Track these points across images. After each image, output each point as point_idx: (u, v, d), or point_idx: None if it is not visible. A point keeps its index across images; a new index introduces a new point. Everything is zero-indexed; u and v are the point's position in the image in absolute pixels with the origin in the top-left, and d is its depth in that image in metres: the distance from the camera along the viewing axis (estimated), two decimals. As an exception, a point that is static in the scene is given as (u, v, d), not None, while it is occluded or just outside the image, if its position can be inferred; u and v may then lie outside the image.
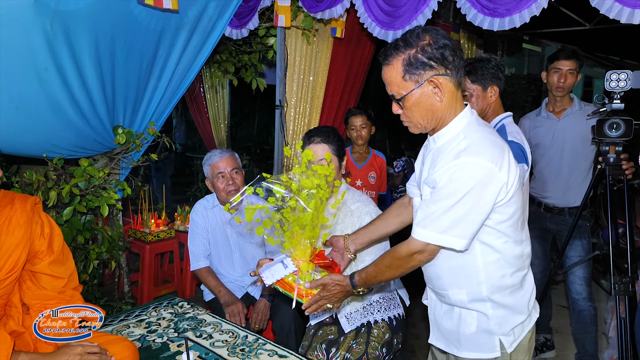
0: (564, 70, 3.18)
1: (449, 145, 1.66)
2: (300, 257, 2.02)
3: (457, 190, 1.58)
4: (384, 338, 2.46)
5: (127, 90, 3.25)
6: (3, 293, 2.00)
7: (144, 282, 4.35)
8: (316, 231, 2.00)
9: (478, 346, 1.79)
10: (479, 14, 2.74)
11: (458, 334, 1.82)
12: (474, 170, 1.57)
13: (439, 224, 1.62)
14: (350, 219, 2.49)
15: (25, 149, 3.01)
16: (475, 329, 1.77)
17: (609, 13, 2.40)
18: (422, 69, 1.62)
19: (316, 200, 1.92)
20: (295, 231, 1.96)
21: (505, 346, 1.76)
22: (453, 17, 5.34)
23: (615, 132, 2.73)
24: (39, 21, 2.50)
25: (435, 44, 1.60)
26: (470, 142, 1.61)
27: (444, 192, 1.61)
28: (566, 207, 3.32)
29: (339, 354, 2.39)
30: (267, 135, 9.91)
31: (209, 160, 3.04)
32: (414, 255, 1.70)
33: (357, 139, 3.88)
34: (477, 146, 1.60)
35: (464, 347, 1.81)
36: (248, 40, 4.66)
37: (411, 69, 1.62)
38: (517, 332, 1.79)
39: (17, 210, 2.02)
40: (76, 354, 1.91)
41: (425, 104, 1.66)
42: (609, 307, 3.63)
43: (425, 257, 1.71)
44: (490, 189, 1.59)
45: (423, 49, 1.61)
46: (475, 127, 1.68)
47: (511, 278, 1.75)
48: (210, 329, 2.47)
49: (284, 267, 2.03)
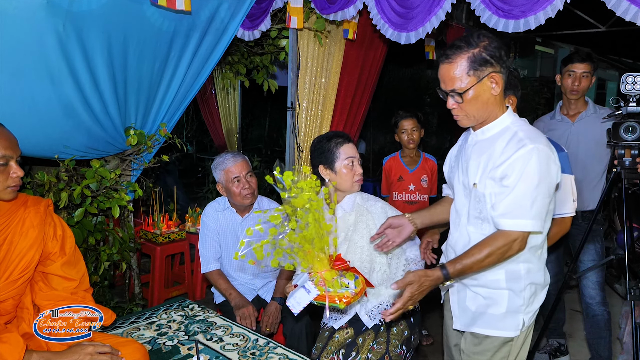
0: (578, 74, 3.15)
1: (501, 136, 1.87)
2: (320, 268, 2.03)
3: (531, 175, 1.76)
4: (404, 335, 2.48)
5: (139, 91, 3.25)
6: (15, 294, 2.01)
7: (154, 284, 4.35)
8: (324, 239, 2.01)
9: (503, 325, 1.95)
10: (493, 15, 2.71)
11: (485, 314, 1.97)
12: (539, 154, 1.76)
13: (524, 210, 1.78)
14: (367, 217, 2.54)
15: (37, 150, 3.01)
16: (505, 309, 1.93)
17: (625, 15, 2.38)
18: (484, 66, 1.83)
19: (312, 212, 1.94)
20: (306, 248, 1.97)
21: (526, 325, 1.95)
22: (466, 19, 5.32)
23: (631, 135, 2.70)
24: (51, 22, 2.51)
25: (493, 44, 1.84)
26: (526, 131, 1.83)
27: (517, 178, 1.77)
28: (580, 211, 3.28)
29: (359, 357, 2.38)
30: (278, 137, 9.93)
31: (222, 165, 3.01)
32: (513, 245, 1.82)
33: (408, 142, 3.86)
34: (533, 134, 1.82)
35: (489, 326, 1.97)
36: (260, 42, 4.66)
37: (475, 65, 1.83)
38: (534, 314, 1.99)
39: (30, 212, 2.03)
40: (87, 353, 1.91)
41: (483, 98, 1.87)
42: (623, 312, 3.59)
43: (521, 246, 1.83)
44: (553, 170, 1.80)
45: (485, 48, 1.83)
46: (522, 125, 1.90)
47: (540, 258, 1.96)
48: (220, 332, 2.46)
49: (307, 292, 2.04)
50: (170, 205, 4.93)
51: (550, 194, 1.81)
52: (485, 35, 1.85)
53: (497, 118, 1.91)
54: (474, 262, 1.86)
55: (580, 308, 3.45)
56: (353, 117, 4.32)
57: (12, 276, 1.96)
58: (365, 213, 2.55)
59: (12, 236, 1.97)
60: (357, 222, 2.55)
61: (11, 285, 1.97)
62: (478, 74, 1.83)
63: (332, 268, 2.07)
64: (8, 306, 2.00)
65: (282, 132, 9.68)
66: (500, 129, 1.90)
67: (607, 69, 12.04)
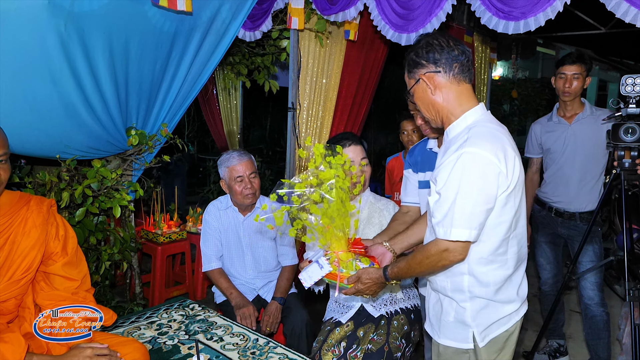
0: (569, 75, 3.17)
1: (457, 139, 1.77)
2: (337, 248, 2.06)
3: (459, 181, 1.65)
4: (404, 329, 2.55)
5: (141, 91, 3.26)
6: (18, 293, 2.01)
7: (155, 284, 4.36)
8: (346, 220, 2.03)
9: (454, 335, 1.89)
10: (493, 17, 2.72)
11: (439, 321, 1.93)
12: (471, 159, 1.65)
13: (452, 218, 1.68)
14: (379, 214, 2.66)
15: (38, 149, 3.02)
16: (453, 318, 1.87)
17: (624, 17, 2.38)
18: (416, 68, 1.83)
19: (337, 189, 1.95)
20: (325, 223, 1.98)
21: (477, 340, 1.84)
22: (467, 20, 5.32)
23: (630, 136, 2.71)
24: (53, 22, 2.52)
25: (428, 45, 1.80)
26: (474, 134, 1.70)
27: (448, 185, 1.69)
28: (577, 212, 3.30)
29: (360, 348, 2.44)
30: (279, 138, 9.93)
31: (227, 162, 3.03)
32: (444, 254, 1.74)
33: (407, 143, 3.90)
34: (477, 139, 1.68)
35: (442, 334, 1.92)
36: (261, 43, 4.67)
37: (409, 68, 1.86)
38: (493, 328, 1.86)
39: (33, 212, 2.04)
40: (85, 356, 1.91)
41: (425, 99, 1.85)
42: (623, 313, 3.60)
43: (455, 256, 1.74)
44: (489, 178, 1.65)
45: (416, 51, 1.82)
46: (485, 123, 1.78)
47: (493, 275, 1.81)
48: (221, 331, 2.47)
49: (319, 267, 2.07)
50: (171, 205, 4.94)
51: (486, 202, 1.66)
52: (427, 36, 1.84)
53: (458, 116, 1.81)
54: (408, 268, 1.88)
55: (580, 309, 3.46)
56: (354, 118, 4.33)
57: (14, 276, 1.97)
58: (378, 210, 2.69)
59: (14, 236, 1.98)
60: (371, 217, 2.68)
61: (14, 285, 1.97)
62: (414, 76, 1.85)
63: (350, 250, 2.09)
64: (10, 306, 2.01)
65: (283, 133, 9.68)
66: (459, 131, 1.79)
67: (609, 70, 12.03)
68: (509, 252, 1.82)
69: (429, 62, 1.79)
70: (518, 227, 1.84)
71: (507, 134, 1.81)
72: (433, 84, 1.80)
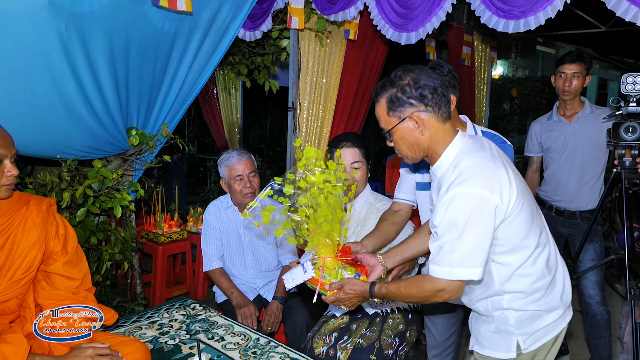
0: (568, 74, 3.18)
1: (444, 177, 1.73)
2: (325, 254, 2.04)
3: (455, 222, 1.62)
4: (398, 328, 2.55)
5: (141, 91, 3.26)
6: (19, 293, 2.02)
7: (156, 284, 4.36)
8: (336, 227, 2.01)
9: (495, 345, 1.84)
10: (493, 16, 2.72)
11: (479, 331, 1.90)
12: (465, 200, 1.61)
13: (450, 258, 1.65)
14: (376, 215, 2.62)
15: (39, 150, 3.03)
16: (495, 329, 1.84)
17: (625, 15, 2.39)
18: (402, 107, 1.74)
19: (325, 194, 1.94)
20: (311, 227, 1.97)
21: (522, 348, 1.79)
22: (467, 20, 5.33)
23: (631, 135, 2.71)
24: (53, 23, 2.52)
25: (416, 83, 1.72)
26: (460, 171, 1.66)
27: (443, 226, 1.65)
28: (578, 211, 3.31)
29: (350, 340, 2.46)
30: (279, 137, 9.94)
31: (227, 161, 3.04)
32: (440, 293, 1.72)
33: None
34: (466, 175, 1.64)
35: (483, 345, 1.88)
36: (261, 42, 4.67)
37: (393, 106, 1.76)
38: (539, 335, 1.82)
39: (33, 211, 2.04)
40: (87, 356, 1.92)
41: (409, 138, 1.78)
42: (623, 312, 3.60)
43: (449, 295, 1.72)
44: (485, 214, 1.61)
45: (403, 89, 1.73)
46: (467, 155, 1.72)
47: (531, 287, 1.78)
48: (222, 331, 2.47)
49: (303, 271, 2.05)
50: (171, 205, 4.95)
51: (483, 239, 1.63)
52: (409, 72, 1.74)
53: (441, 154, 1.77)
54: (398, 294, 1.86)
55: (580, 308, 3.46)
56: (354, 117, 4.33)
57: (15, 276, 1.97)
58: (376, 211, 2.65)
59: (14, 235, 1.98)
60: (367, 219, 2.65)
61: (15, 285, 1.98)
62: (398, 115, 1.75)
63: (337, 258, 2.08)
64: (12, 305, 2.01)
65: (283, 132, 9.69)
66: (445, 168, 1.75)
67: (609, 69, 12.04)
68: (538, 262, 1.79)
69: (420, 100, 1.72)
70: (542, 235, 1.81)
71: (491, 150, 1.77)
72: (423, 123, 1.74)
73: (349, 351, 2.41)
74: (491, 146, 1.81)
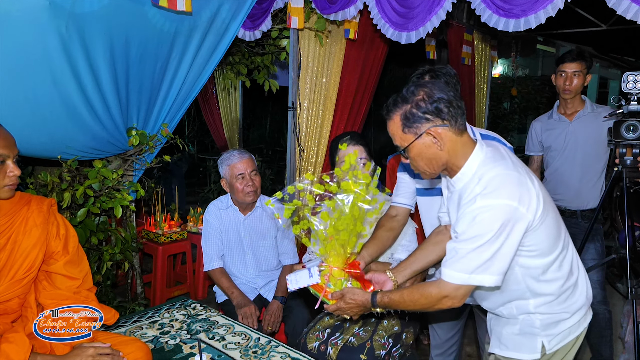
0: (569, 73, 3.17)
1: (467, 189, 1.70)
2: (334, 264, 2.04)
3: (482, 233, 1.59)
4: (393, 330, 2.53)
5: (141, 92, 3.26)
6: (21, 293, 2.02)
7: (156, 284, 4.36)
8: (352, 239, 2.00)
9: (519, 347, 1.84)
10: (493, 14, 2.72)
11: (500, 333, 1.89)
12: (493, 212, 1.59)
13: (467, 264, 1.63)
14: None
15: (40, 150, 3.03)
16: (519, 330, 1.83)
17: (625, 14, 2.38)
18: (418, 122, 1.70)
19: (353, 204, 1.93)
20: (330, 233, 1.96)
21: (547, 348, 1.80)
22: (467, 19, 5.32)
23: (632, 134, 2.71)
24: (54, 24, 2.52)
25: (430, 98, 1.68)
26: (487, 183, 1.63)
27: (467, 234, 1.63)
28: (579, 210, 3.30)
29: (341, 337, 2.46)
30: (279, 137, 9.94)
31: (228, 160, 3.03)
32: (444, 300, 1.70)
33: None
34: (493, 186, 1.62)
35: (506, 347, 1.87)
36: (261, 42, 4.66)
37: (408, 122, 1.71)
38: (564, 335, 1.83)
39: (33, 211, 2.05)
40: (88, 355, 1.92)
41: (428, 154, 1.74)
42: (625, 311, 3.59)
43: (454, 302, 1.70)
44: (516, 228, 1.60)
45: (417, 104, 1.69)
46: (489, 165, 1.70)
47: (559, 289, 1.78)
48: (222, 330, 2.47)
49: (309, 275, 2.05)
50: (171, 205, 4.95)
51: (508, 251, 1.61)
52: (422, 87, 1.71)
53: (462, 166, 1.74)
54: (401, 302, 1.84)
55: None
56: (354, 116, 4.33)
57: (17, 275, 1.98)
58: None
59: (15, 235, 1.99)
60: None
61: (16, 285, 1.98)
62: (414, 131, 1.71)
63: (345, 270, 2.08)
64: (14, 305, 2.02)
65: (283, 132, 9.69)
66: (467, 180, 1.72)
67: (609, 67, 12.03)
68: (564, 265, 1.79)
69: (437, 114, 1.68)
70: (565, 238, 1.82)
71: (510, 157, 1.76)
72: (440, 138, 1.70)
73: (339, 347, 2.42)
74: (508, 153, 1.80)
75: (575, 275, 1.84)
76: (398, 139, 1.77)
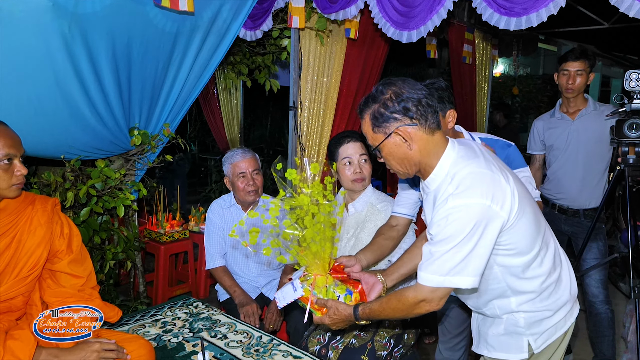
0: (572, 72, 3.16)
1: (440, 189, 1.67)
2: (317, 271, 2.03)
3: (455, 233, 1.57)
4: (394, 331, 2.53)
5: (143, 92, 3.26)
6: (25, 290, 2.04)
7: (158, 282, 4.38)
8: (326, 245, 1.99)
9: (506, 347, 1.83)
10: (495, 13, 2.71)
11: (487, 335, 1.88)
12: (466, 211, 1.56)
13: (442, 266, 1.61)
14: (378, 216, 2.60)
15: (43, 150, 3.03)
16: (504, 330, 1.82)
17: (628, 11, 2.37)
18: (387, 122, 1.68)
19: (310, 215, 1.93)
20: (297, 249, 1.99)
21: (533, 347, 1.79)
22: (468, 17, 5.31)
23: (635, 132, 2.70)
24: (57, 24, 2.52)
25: (398, 97, 1.66)
26: (459, 182, 1.61)
27: (441, 236, 1.61)
28: (581, 209, 3.29)
29: (342, 340, 2.46)
30: (280, 137, 9.93)
31: (231, 158, 3.05)
32: (421, 304, 1.69)
33: None
34: (465, 185, 1.59)
35: (493, 348, 1.86)
36: (262, 42, 4.67)
37: (377, 122, 1.70)
38: (550, 333, 1.81)
39: (38, 211, 2.06)
40: (93, 350, 1.93)
41: (398, 153, 1.72)
42: (627, 311, 3.59)
43: (432, 306, 1.69)
44: (490, 227, 1.58)
45: (385, 104, 1.67)
46: (461, 164, 1.66)
47: (540, 287, 1.77)
48: (224, 329, 2.47)
49: (293, 289, 2.04)
50: (173, 205, 4.95)
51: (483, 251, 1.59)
52: (391, 86, 1.69)
53: (435, 166, 1.71)
54: (381, 311, 1.84)
55: (584, 306, 3.45)
56: (355, 116, 4.32)
57: (21, 273, 1.99)
58: (377, 213, 2.63)
59: (20, 234, 2.00)
60: (367, 220, 2.63)
61: (21, 282, 2.00)
62: (384, 131, 1.69)
63: (331, 274, 2.07)
64: (18, 303, 2.04)
65: (284, 132, 9.69)
66: (440, 181, 1.70)
67: (612, 66, 12.00)
68: (545, 262, 1.77)
69: (405, 113, 1.66)
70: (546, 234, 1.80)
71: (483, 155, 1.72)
72: (410, 137, 1.67)
73: (339, 351, 2.42)
74: (482, 150, 1.76)
75: (557, 271, 1.82)
76: (370, 139, 1.77)
